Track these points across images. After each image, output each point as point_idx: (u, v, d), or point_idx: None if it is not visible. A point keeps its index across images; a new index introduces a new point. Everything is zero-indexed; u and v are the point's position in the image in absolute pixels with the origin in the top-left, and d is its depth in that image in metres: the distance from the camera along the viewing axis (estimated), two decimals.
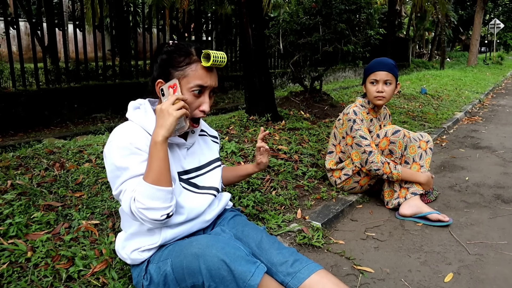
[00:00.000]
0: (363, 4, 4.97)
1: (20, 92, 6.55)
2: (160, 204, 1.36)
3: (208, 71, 1.49)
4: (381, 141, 2.68)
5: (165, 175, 1.39)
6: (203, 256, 1.34)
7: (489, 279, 1.95)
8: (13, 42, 7.68)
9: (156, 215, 1.36)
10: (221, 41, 11.02)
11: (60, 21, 7.88)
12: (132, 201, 1.37)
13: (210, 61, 1.44)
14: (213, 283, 1.32)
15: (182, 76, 1.47)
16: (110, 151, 1.44)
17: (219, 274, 1.31)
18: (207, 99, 1.52)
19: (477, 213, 2.73)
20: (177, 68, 1.47)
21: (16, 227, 1.95)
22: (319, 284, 1.41)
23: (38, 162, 2.72)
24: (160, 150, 1.38)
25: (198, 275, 1.35)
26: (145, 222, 1.38)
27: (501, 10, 35.96)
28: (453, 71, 15.07)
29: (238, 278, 1.30)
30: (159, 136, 1.38)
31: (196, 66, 1.48)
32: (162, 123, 1.39)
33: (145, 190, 1.35)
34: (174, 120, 1.38)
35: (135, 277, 1.58)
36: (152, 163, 1.38)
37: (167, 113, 1.39)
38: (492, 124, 6.14)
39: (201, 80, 1.48)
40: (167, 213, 1.39)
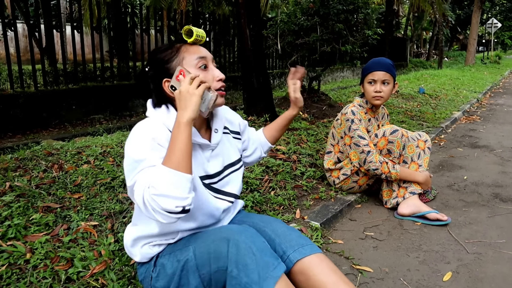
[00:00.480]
0: (360, 4, 4.98)
1: (18, 94, 6.54)
2: (176, 192, 1.23)
3: (196, 46, 1.48)
4: (379, 141, 2.69)
5: (186, 160, 1.28)
6: (233, 240, 1.32)
7: (487, 277, 1.96)
8: (10, 43, 7.70)
9: (171, 205, 1.22)
10: (219, 42, 11.03)
11: (58, 23, 7.89)
12: (146, 188, 1.24)
13: (194, 35, 1.44)
14: (236, 269, 1.29)
15: (180, 61, 1.43)
16: (130, 146, 1.36)
17: (244, 260, 1.29)
18: (216, 69, 1.49)
19: (475, 212, 2.74)
20: (170, 60, 1.44)
21: (15, 229, 1.95)
22: (318, 265, 1.41)
23: (37, 163, 2.72)
24: (183, 132, 1.29)
25: (225, 259, 1.31)
26: (156, 214, 1.23)
27: (498, 9, 36.05)
28: (451, 70, 15.10)
29: (261, 267, 1.28)
30: (184, 117, 1.30)
31: (185, 47, 1.46)
32: (185, 104, 1.31)
33: (162, 174, 1.24)
34: (197, 98, 1.32)
35: (142, 272, 1.55)
36: (173, 146, 1.28)
37: (188, 94, 1.32)
38: (490, 123, 6.16)
39: (198, 52, 1.45)
40: (183, 206, 1.24)
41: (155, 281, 1.48)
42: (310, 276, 1.40)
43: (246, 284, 1.27)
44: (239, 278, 1.28)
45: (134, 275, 1.76)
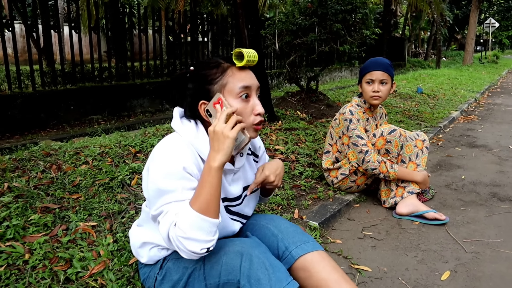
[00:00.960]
0: (358, 4, 4.99)
1: (16, 95, 6.53)
2: (202, 236, 1.23)
3: (245, 71, 1.39)
4: (378, 140, 2.69)
5: (214, 205, 1.26)
6: (246, 254, 1.31)
7: (485, 276, 1.96)
8: (8, 44, 7.67)
9: (196, 248, 1.23)
10: (217, 42, 11.03)
11: (55, 23, 7.88)
12: (173, 226, 1.24)
13: (245, 59, 1.34)
14: (248, 284, 1.28)
15: (222, 86, 1.35)
16: (157, 171, 1.30)
17: (257, 275, 1.28)
18: (257, 101, 1.40)
19: (473, 212, 2.75)
20: (213, 81, 1.36)
21: (13, 229, 1.95)
22: (320, 262, 1.41)
23: (35, 164, 2.72)
24: (214, 177, 1.26)
25: (237, 272, 1.30)
26: (181, 252, 1.25)
27: (496, 9, 36.13)
28: (449, 70, 15.12)
29: (274, 282, 1.27)
30: (216, 161, 1.26)
31: (232, 71, 1.37)
32: (219, 147, 1.26)
33: (190, 217, 1.23)
34: (231, 142, 1.26)
35: (145, 272, 1.53)
36: (202, 189, 1.26)
37: (222, 136, 1.26)
38: (488, 122, 6.17)
39: (244, 81, 1.36)
40: (208, 247, 1.25)
41: (160, 283, 1.47)
42: (312, 273, 1.40)
43: None
44: None
45: (133, 275, 1.76)
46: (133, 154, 2.96)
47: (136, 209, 2.31)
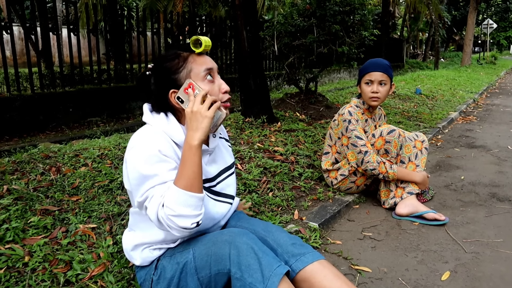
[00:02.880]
0: (357, 5, 5.00)
1: (14, 97, 6.52)
2: (191, 211, 1.30)
3: (203, 56, 1.48)
4: (377, 141, 2.70)
5: (198, 181, 1.34)
6: (234, 242, 1.35)
7: (485, 277, 1.97)
8: (6, 46, 7.66)
9: (187, 223, 1.29)
10: (215, 43, 11.04)
11: (54, 26, 7.87)
12: (160, 207, 1.30)
13: (203, 45, 1.43)
14: (239, 271, 1.31)
15: (188, 73, 1.43)
16: (135, 158, 1.36)
17: (247, 261, 1.31)
18: (221, 80, 1.50)
19: (473, 212, 2.75)
20: (178, 71, 1.44)
21: (13, 232, 1.95)
22: (321, 272, 1.41)
23: (34, 166, 2.72)
24: (195, 154, 1.34)
25: (226, 261, 1.34)
26: (172, 230, 1.31)
27: (494, 10, 36.23)
28: (447, 71, 15.15)
29: (265, 266, 1.30)
30: (195, 139, 1.35)
31: (192, 58, 1.46)
32: (197, 125, 1.35)
33: (176, 195, 1.29)
34: (209, 121, 1.36)
35: (141, 276, 1.55)
36: (184, 167, 1.33)
37: (200, 116, 1.35)
38: (486, 123, 6.18)
39: (206, 64, 1.45)
40: (197, 221, 1.32)
41: (156, 283, 1.48)
42: (313, 283, 1.41)
43: (251, 284, 1.29)
44: (243, 280, 1.30)
45: (133, 277, 1.75)
46: None
47: None
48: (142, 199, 1.35)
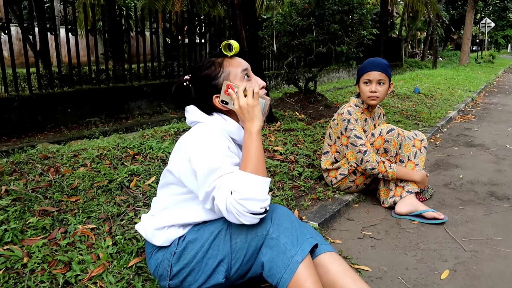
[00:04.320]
0: (355, 4, 5.00)
1: (12, 97, 6.51)
2: (259, 194, 1.35)
3: (235, 58, 1.57)
4: (376, 140, 2.70)
5: (262, 165, 1.42)
6: (276, 209, 1.48)
7: (484, 275, 1.97)
8: (4, 47, 7.66)
9: (256, 206, 1.34)
10: (214, 43, 11.02)
11: (52, 26, 7.85)
12: (229, 194, 1.34)
13: (234, 49, 1.53)
14: (277, 231, 1.42)
15: (227, 77, 1.53)
16: (204, 153, 1.41)
17: (285, 225, 1.43)
18: (257, 77, 1.59)
19: (471, 210, 2.75)
20: (217, 76, 1.53)
21: (11, 233, 1.94)
22: (335, 262, 1.52)
23: (33, 167, 2.71)
24: (256, 140, 1.44)
25: (268, 223, 1.43)
26: (241, 217, 1.34)
27: (492, 9, 36.27)
28: (445, 70, 15.17)
29: (300, 233, 1.43)
30: (254, 127, 1.45)
31: (227, 62, 1.55)
32: (251, 116, 1.45)
33: (244, 179, 1.35)
34: (258, 108, 1.46)
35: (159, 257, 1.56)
36: (249, 153, 1.42)
37: (248, 107, 1.45)
38: (485, 122, 6.19)
39: (241, 65, 1.55)
40: (265, 206, 1.38)
41: (177, 260, 1.51)
42: (329, 268, 1.51)
43: (285, 244, 1.40)
44: (278, 239, 1.41)
45: (133, 277, 1.75)
46: (131, 156, 2.95)
47: (135, 211, 2.30)
48: (210, 188, 1.38)
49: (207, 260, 1.48)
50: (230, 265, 1.48)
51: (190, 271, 1.50)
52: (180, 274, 1.51)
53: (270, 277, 1.42)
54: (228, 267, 1.48)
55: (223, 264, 1.48)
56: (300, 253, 1.38)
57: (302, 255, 1.38)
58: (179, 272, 1.51)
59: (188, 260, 1.50)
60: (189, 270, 1.50)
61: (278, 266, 1.38)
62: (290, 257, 1.38)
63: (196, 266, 1.49)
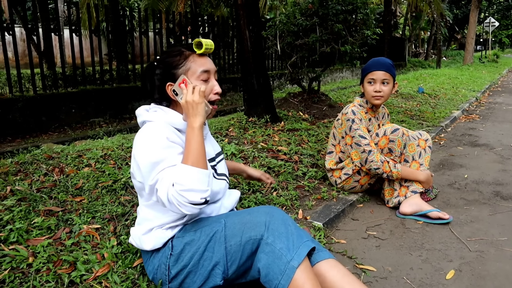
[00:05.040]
0: (359, 4, 4.98)
1: (17, 98, 6.54)
2: (199, 186, 1.40)
3: (204, 57, 1.62)
4: (380, 140, 2.69)
5: (202, 158, 1.46)
6: (271, 212, 1.49)
7: (490, 275, 1.96)
8: (9, 48, 7.69)
9: (196, 197, 1.39)
10: (218, 43, 11.03)
11: (56, 26, 7.87)
12: (171, 186, 1.39)
13: (203, 47, 1.58)
14: (271, 236, 1.42)
15: (186, 70, 1.58)
16: (144, 150, 1.48)
17: (280, 229, 1.43)
18: (215, 82, 1.64)
19: (476, 210, 2.74)
20: (178, 66, 1.58)
21: (16, 232, 1.95)
22: (333, 268, 1.52)
23: (37, 167, 2.72)
24: (198, 135, 1.48)
25: (261, 227, 1.44)
26: (182, 207, 1.38)
27: (496, 8, 36.10)
28: (449, 69, 15.12)
29: (296, 236, 1.43)
30: (196, 122, 1.49)
31: (193, 57, 1.60)
32: (195, 112, 1.50)
33: (185, 172, 1.40)
34: (202, 106, 1.51)
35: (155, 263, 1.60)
36: (190, 147, 1.46)
37: (194, 103, 1.50)
38: (489, 121, 6.16)
39: (204, 65, 1.60)
40: (205, 197, 1.42)
41: (174, 263, 1.54)
42: (326, 277, 1.51)
43: (281, 249, 1.40)
44: (274, 245, 1.41)
45: (138, 277, 1.75)
46: None
47: None
48: (153, 182, 1.45)
49: (203, 262, 1.51)
50: (227, 267, 1.50)
51: (187, 273, 1.53)
52: (178, 277, 1.54)
53: (268, 283, 1.41)
54: (224, 269, 1.50)
55: (219, 267, 1.50)
56: (297, 258, 1.38)
57: (299, 259, 1.38)
58: (177, 274, 1.54)
59: (185, 261, 1.52)
60: (187, 272, 1.53)
61: (275, 272, 1.38)
62: (286, 262, 1.38)
63: (193, 268, 1.52)
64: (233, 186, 2.74)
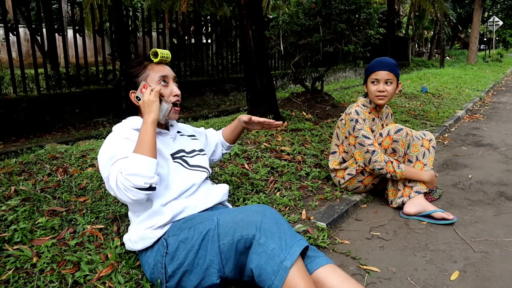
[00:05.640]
0: (362, 4, 4.97)
1: (21, 98, 6.56)
2: (144, 171, 1.50)
3: (161, 65, 1.81)
4: (384, 140, 2.68)
5: (152, 149, 1.57)
6: (263, 212, 1.50)
7: (495, 276, 1.95)
8: (13, 48, 7.71)
9: (140, 181, 1.48)
10: (221, 43, 11.03)
11: (59, 27, 7.89)
12: (119, 173, 1.50)
13: (159, 57, 1.78)
14: (264, 236, 1.43)
15: (145, 77, 1.76)
16: (102, 149, 1.64)
17: (272, 229, 1.45)
18: (174, 86, 1.81)
19: (481, 211, 2.73)
20: (138, 75, 1.77)
21: (21, 233, 1.95)
22: (332, 274, 1.52)
23: (41, 167, 2.72)
24: (149, 129, 1.61)
25: (253, 227, 1.46)
26: (127, 192, 1.49)
27: (500, 7, 35.93)
28: (453, 69, 15.07)
29: (288, 236, 1.45)
30: (150, 118, 1.64)
31: (151, 66, 1.79)
32: (149, 110, 1.65)
33: (132, 159, 1.52)
34: (156, 104, 1.67)
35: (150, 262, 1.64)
36: (142, 139, 1.58)
37: (148, 102, 1.66)
38: (493, 121, 6.14)
39: (161, 72, 1.78)
40: (150, 183, 1.52)
41: (170, 261, 1.57)
42: (325, 283, 1.51)
43: (273, 250, 1.41)
44: (266, 245, 1.42)
45: (142, 277, 1.75)
46: None
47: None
48: (107, 174, 1.57)
49: (198, 260, 1.54)
50: (222, 266, 1.52)
51: (184, 272, 1.55)
52: (175, 275, 1.56)
53: (261, 283, 1.43)
54: (220, 267, 1.52)
55: (214, 266, 1.52)
56: (290, 258, 1.39)
57: (292, 259, 1.39)
58: (174, 273, 1.56)
59: (180, 260, 1.55)
60: (183, 271, 1.55)
61: (268, 273, 1.39)
62: (279, 262, 1.39)
63: (188, 267, 1.54)
64: (236, 186, 2.74)
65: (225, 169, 2.96)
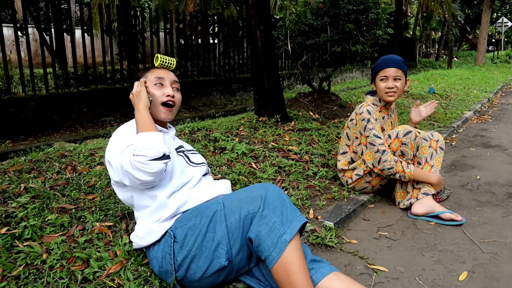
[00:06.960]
0: (370, 4, 4.96)
1: (29, 97, 6.61)
2: (154, 143, 1.57)
3: (162, 70, 1.93)
4: (393, 142, 2.66)
5: (152, 125, 1.68)
6: (267, 187, 1.57)
7: (504, 277, 1.94)
8: (21, 48, 7.77)
9: (153, 152, 1.55)
10: (228, 43, 11.05)
11: (68, 26, 7.94)
12: (132, 156, 1.56)
13: (159, 61, 1.91)
14: (266, 209, 1.50)
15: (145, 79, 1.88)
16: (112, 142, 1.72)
17: (275, 203, 1.51)
18: (169, 88, 1.89)
19: (489, 212, 2.71)
20: (140, 78, 1.89)
21: (31, 229, 1.97)
22: (337, 281, 1.55)
23: (50, 165, 2.74)
24: (142, 113, 1.73)
25: (258, 201, 1.52)
26: (146, 167, 1.53)
27: (509, 8, 35.66)
28: (460, 70, 14.98)
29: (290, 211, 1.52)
30: (140, 104, 1.76)
31: (152, 69, 1.92)
32: (139, 98, 1.78)
33: (139, 137, 1.59)
34: (144, 93, 1.79)
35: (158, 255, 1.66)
36: (138, 122, 1.70)
37: (136, 92, 1.80)
38: (502, 122, 6.09)
39: (158, 74, 1.90)
40: (164, 151, 1.58)
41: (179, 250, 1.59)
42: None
43: (274, 223, 1.47)
44: (268, 218, 1.48)
45: (150, 274, 1.76)
46: None
47: None
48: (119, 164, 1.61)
49: (206, 243, 1.56)
50: (230, 246, 1.55)
51: (192, 257, 1.57)
52: (184, 263, 1.59)
53: (259, 252, 1.49)
54: (227, 248, 1.55)
55: (222, 246, 1.55)
56: (289, 232, 1.46)
57: (291, 234, 1.46)
58: (183, 261, 1.59)
59: (189, 246, 1.58)
60: (192, 257, 1.57)
61: (267, 244, 1.46)
62: (279, 235, 1.45)
63: (197, 251, 1.57)
64: (244, 184, 2.74)
65: (233, 168, 2.97)
